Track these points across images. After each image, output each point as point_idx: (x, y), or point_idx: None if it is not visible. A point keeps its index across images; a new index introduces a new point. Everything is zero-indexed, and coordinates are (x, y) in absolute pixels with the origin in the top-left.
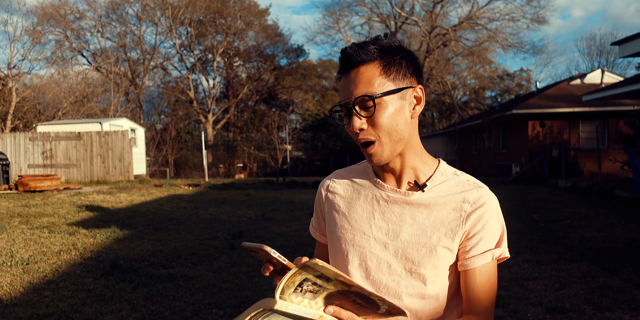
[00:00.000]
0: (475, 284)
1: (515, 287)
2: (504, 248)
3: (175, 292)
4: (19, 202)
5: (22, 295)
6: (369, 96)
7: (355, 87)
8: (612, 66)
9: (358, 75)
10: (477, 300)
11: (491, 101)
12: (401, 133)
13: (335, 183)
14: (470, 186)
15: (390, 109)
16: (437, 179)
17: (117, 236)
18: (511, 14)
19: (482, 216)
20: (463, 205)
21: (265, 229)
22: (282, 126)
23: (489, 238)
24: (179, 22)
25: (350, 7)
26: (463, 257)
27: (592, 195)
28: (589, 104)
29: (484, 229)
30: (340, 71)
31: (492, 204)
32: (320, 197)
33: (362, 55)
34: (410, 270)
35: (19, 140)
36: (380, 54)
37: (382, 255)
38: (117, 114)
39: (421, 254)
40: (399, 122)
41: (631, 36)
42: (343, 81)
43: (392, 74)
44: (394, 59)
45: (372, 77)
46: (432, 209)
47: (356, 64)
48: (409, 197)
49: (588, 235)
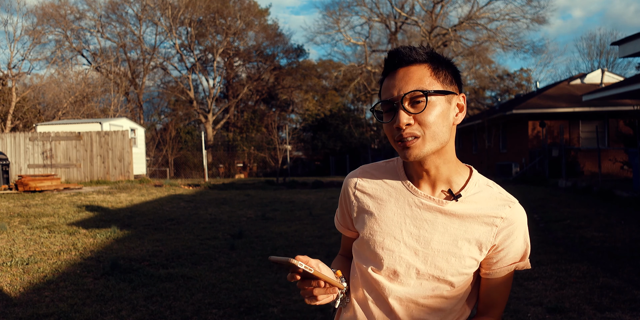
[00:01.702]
0: (495, 291)
1: (515, 287)
2: (527, 261)
3: (175, 292)
4: (19, 202)
5: (22, 295)
6: (423, 91)
7: (405, 83)
8: (612, 66)
9: (409, 73)
10: (494, 304)
11: (491, 101)
12: (444, 135)
13: (363, 181)
14: (503, 201)
15: (438, 109)
16: (470, 189)
17: (117, 236)
18: (511, 14)
19: (513, 232)
20: (495, 220)
21: (265, 229)
22: (282, 126)
23: (516, 253)
24: (179, 22)
25: (350, 7)
26: (488, 267)
27: (592, 195)
28: (589, 104)
29: (512, 245)
30: (387, 70)
31: (523, 220)
32: (348, 195)
33: (414, 55)
34: (437, 277)
35: (19, 140)
36: (430, 58)
37: (411, 261)
38: (117, 114)
39: (450, 263)
40: (444, 124)
41: (631, 36)
42: (389, 79)
43: (440, 77)
44: (441, 65)
45: (423, 76)
46: (465, 221)
47: (407, 63)
48: (443, 206)
49: (588, 235)
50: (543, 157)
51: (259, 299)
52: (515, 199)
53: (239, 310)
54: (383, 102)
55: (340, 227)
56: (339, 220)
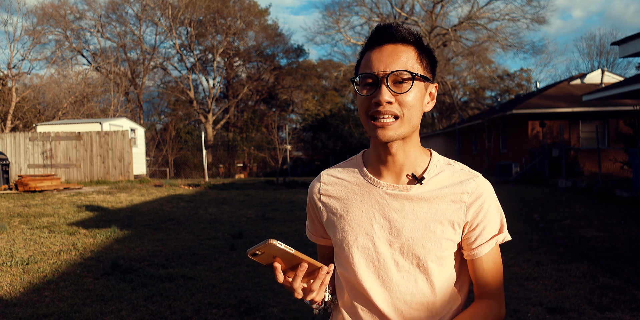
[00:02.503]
0: (484, 270)
1: (515, 287)
2: (506, 232)
3: (175, 292)
4: (19, 202)
5: (22, 295)
6: (411, 72)
7: (393, 61)
8: (612, 66)
9: (397, 51)
10: (487, 284)
11: (491, 101)
12: (417, 120)
13: (327, 185)
14: (465, 175)
15: (417, 93)
16: (432, 170)
17: (117, 236)
18: (511, 14)
19: (483, 206)
20: (462, 196)
21: (265, 229)
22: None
23: (492, 226)
24: (179, 22)
25: (350, 7)
26: (469, 248)
27: (592, 195)
28: (589, 104)
29: (485, 218)
30: (374, 43)
31: (490, 192)
32: (314, 202)
33: (404, 34)
34: (418, 264)
35: (19, 140)
36: (416, 41)
37: (388, 254)
38: (117, 114)
39: (427, 248)
40: (419, 109)
41: (631, 36)
42: (375, 52)
43: (423, 62)
44: (424, 51)
45: (410, 58)
46: (432, 203)
47: (396, 40)
48: (408, 192)
49: (588, 235)
50: (543, 157)
51: (259, 299)
52: (478, 173)
53: (239, 310)
54: (366, 74)
55: (312, 237)
56: (310, 230)
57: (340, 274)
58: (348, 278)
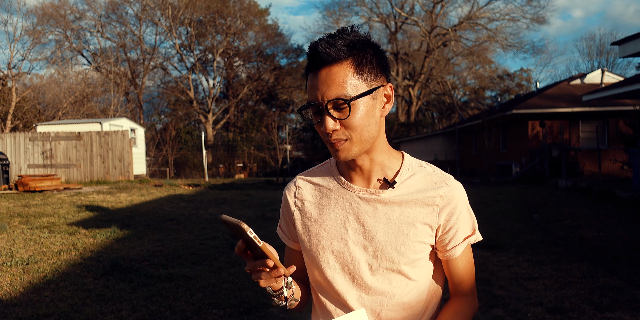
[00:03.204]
0: (459, 269)
1: (515, 287)
2: (477, 233)
3: (175, 292)
4: (19, 202)
5: (22, 295)
6: (344, 100)
7: (327, 88)
8: (612, 66)
9: (330, 75)
10: (462, 282)
11: (491, 101)
12: (372, 132)
13: (301, 189)
14: (437, 178)
15: (362, 110)
16: (404, 173)
17: (117, 236)
18: (511, 14)
19: (455, 209)
20: (435, 199)
21: (265, 229)
22: (282, 126)
23: (465, 228)
24: (179, 22)
25: (350, 7)
26: (444, 249)
27: (592, 195)
28: (589, 104)
29: (459, 221)
30: (310, 69)
31: (461, 195)
32: (288, 205)
33: (334, 54)
34: (392, 268)
35: (19, 140)
36: (351, 51)
37: (363, 258)
38: (117, 114)
39: (400, 251)
40: (371, 122)
41: (631, 36)
42: (312, 79)
43: (364, 73)
44: (365, 57)
45: (345, 78)
46: (405, 206)
47: (327, 63)
48: (380, 196)
49: (588, 235)
50: (543, 157)
51: (259, 299)
52: (451, 175)
53: (239, 310)
54: (308, 105)
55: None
56: (284, 233)
57: (315, 282)
58: (322, 283)
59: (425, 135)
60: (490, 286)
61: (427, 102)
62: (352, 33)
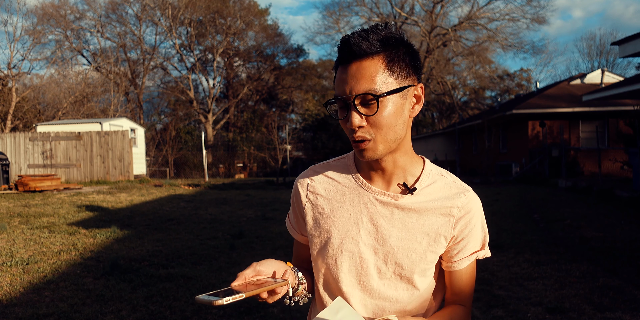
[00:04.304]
0: (461, 282)
1: (515, 287)
2: (487, 249)
3: (175, 292)
4: (19, 202)
5: (22, 295)
6: (374, 95)
7: (357, 82)
8: (612, 66)
9: (361, 69)
10: (461, 293)
11: (491, 101)
12: (398, 133)
13: (315, 182)
14: (457, 189)
15: (391, 108)
16: (425, 180)
17: (117, 236)
18: (511, 14)
19: (470, 221)
20: (452, 210)
21: (265, 229)
22: (282, 126)
23: (475, 242)
24: (179, 22)
25: (350, 7)
26: (450, 260)
27: (592, 195)
28: (589, 104)
29: (471, 234)
30: (340, 62)
31: (478, 208)
32: (299, 197)
33: (366, 48)
34: (400, 274)
35: (19, 140)
36: (384, 47)
37: (372, 260)
38: (117, 114)
39: (411, 259)
40: (398, 122)
41: (631, 36)
42: (342, 73)
43: (395, 71)
44: (397, 54)
45: (375, 73)
46: (422, 214)
47: (359, 57)
48: (399, 201)
49: (588, 235)
50: (543, 157)
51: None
52: (469, 187)
53: (239, 310)
54: (336, 99)
55: (295, 233)
56: (293, 226)
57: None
58: (327, 280)
59: (425, 135)
60: (490, 286)
61: (427, 102)
62: (386, 29)
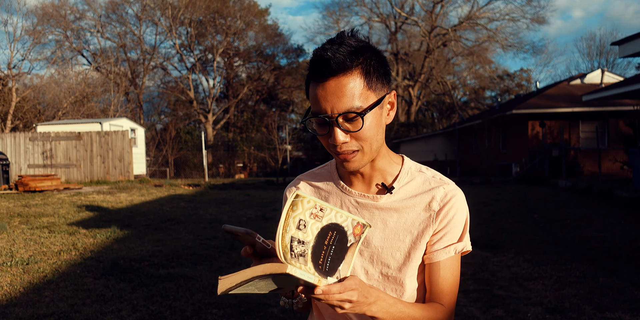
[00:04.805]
0: (439, 278)
1: (515, 287)
2: (466, 242)
3: (175, 292)
4: (19, 202)
5: (22, 295)
6: (357, 113)
7: (338, 100)
8: (612, 66)
9: (340, 86)
10: (441, 293)
11: (491, 101)
12: (380, 141)
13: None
14: (436, 183)
15: (372, 121)
16: (403, 178)
17: (117, 236)
18: (511, 14)
19: (449, 212)
20: (432, 204)
21: (265, 229)
22: (282, 126)
23: (453, 233)
24: (179, 22)
25: (350, 7)
26: (428, 251)
27: (592, 195)
28: (589, 104)
29: (448, 224)
30: (315, 78)
31: (458, 199)
32: None
33: (342, 64)
34: (387, 275)
35: (19, 140)
36: (359, 60)
37: (359, 263)
38: (117, 114)
39: (396, 258)
40: (379, 132)
41: (631, 36)
42: (320, 89)
43: (372, 83)
44: (371, 64)
45: (355, 90)
46: (402, 212)
47: (335, 73)
48: (378, 201)
49: (588, 235)
50: (543, 157)
51: (259, 299)
52: (451, 180)
53: (239, 310)
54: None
55: None
56: None
57: None
58: None
59: (425, 135)
60: (490, 286)
61: (427, 102)
62: (354, 37)
